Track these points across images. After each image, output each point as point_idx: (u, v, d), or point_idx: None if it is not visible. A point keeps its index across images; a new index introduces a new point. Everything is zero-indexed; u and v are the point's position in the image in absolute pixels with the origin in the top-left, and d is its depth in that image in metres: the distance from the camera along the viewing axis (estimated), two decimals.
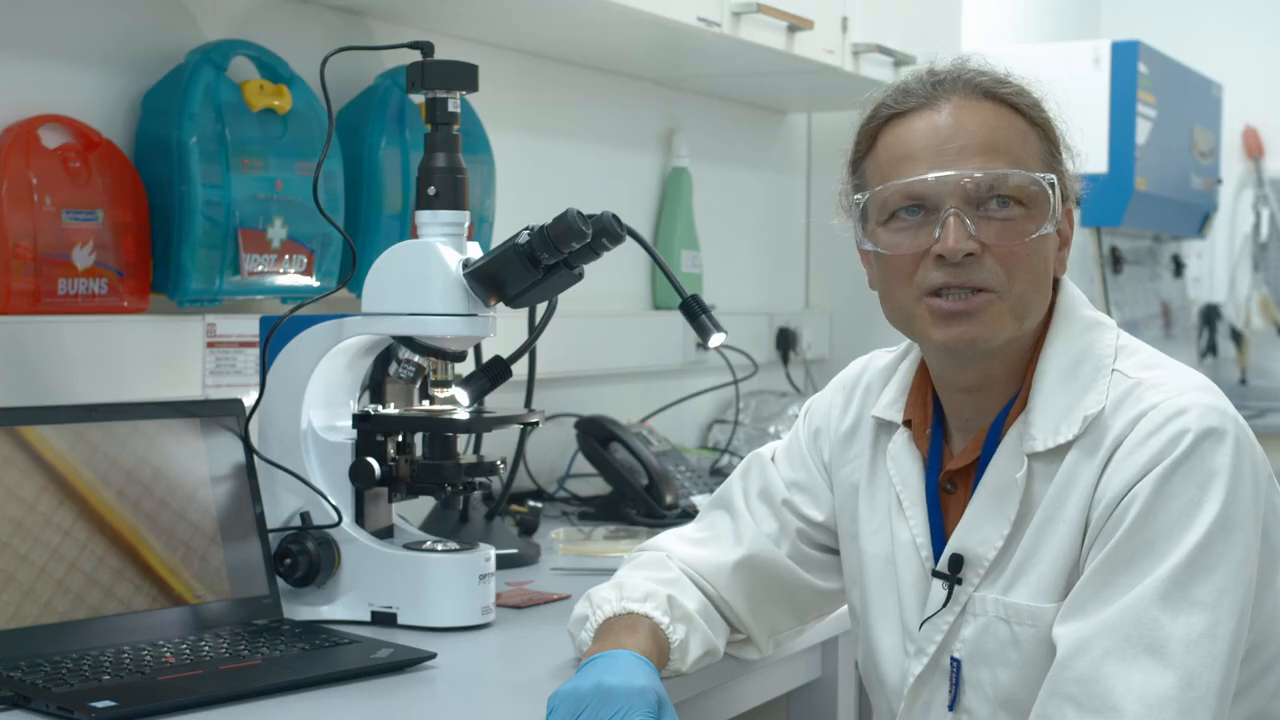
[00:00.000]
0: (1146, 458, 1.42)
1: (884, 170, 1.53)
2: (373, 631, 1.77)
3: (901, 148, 1.52)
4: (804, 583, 1.73)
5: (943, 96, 1.52)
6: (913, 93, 1.53)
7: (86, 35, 2.02)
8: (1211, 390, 1.48)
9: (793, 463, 1.75)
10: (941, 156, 1.49)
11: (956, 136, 1.49)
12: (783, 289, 3.67)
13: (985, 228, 1.48)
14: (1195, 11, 5.47)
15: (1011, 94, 1.53)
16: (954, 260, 1.47)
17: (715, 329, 1.91)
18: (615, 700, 1.41)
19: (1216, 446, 1.41)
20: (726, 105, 3.42)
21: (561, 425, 2.76)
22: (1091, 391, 1.49)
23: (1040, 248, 1.50)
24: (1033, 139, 1.53)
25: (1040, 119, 1.54)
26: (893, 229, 1.52)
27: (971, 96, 1.52)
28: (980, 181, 1.48)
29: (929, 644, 1.57)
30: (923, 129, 1.51)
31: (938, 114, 1.51)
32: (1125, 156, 3.77)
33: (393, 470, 1.88)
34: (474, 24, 2.51)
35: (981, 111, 1.51)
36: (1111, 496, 1.43)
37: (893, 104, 1.53)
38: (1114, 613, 1.38)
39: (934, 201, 1.49)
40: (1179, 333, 4.92)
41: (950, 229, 1.47)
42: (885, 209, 1.52)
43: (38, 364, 1.89)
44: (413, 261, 1.80)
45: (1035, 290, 1.51)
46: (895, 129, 1.53)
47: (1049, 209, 1.49)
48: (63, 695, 1.43)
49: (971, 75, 1.53)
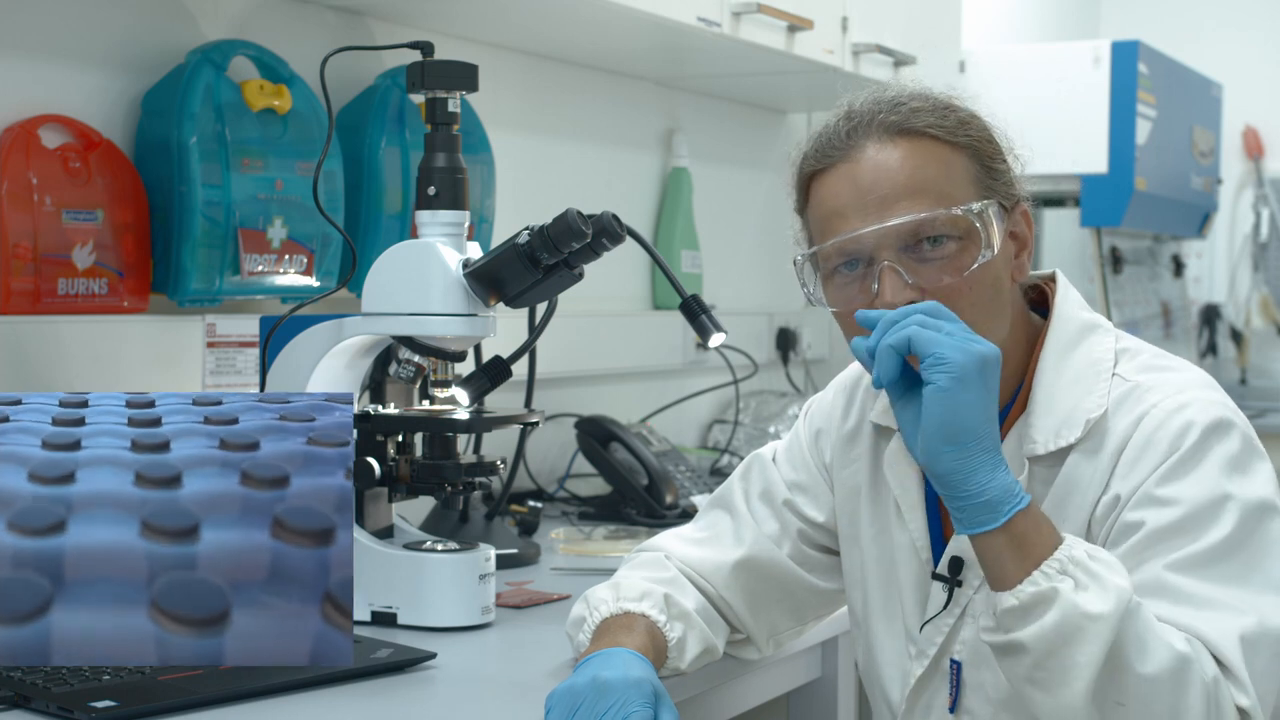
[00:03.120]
0: (1158, 453, 1.43)
1: (818, 227, 1.53)
2: (373, 631, 1.77)
3: (828, 204, 1.51)
4: (804, 583, 1.73)
5: (857, 145, 1.50)
6: (831, 145, 1.52)
7: (86, 35, 2.02)
8: (1212, 386, 1.49)
9: (794, 463, 1.75)
10: (864, 211, 1.48)
11: (877, 186, 1.48)
12: (783, 289, 3.66)
13: (922, 270, 1.47)
14: (1195, 11, 5.47)
15: (928, 125, 1.50)
16: None
17: (715, 329, 1.91)
18: (611, 693, 1.41)
19: (1225, 437, 1.43)
20: (726, 105, 3.42)
21: (561, 425, 2.76)
22: (1092, 394, 1.49)
23: (983, 276, 1.49)
24: (959, 164, 1.50)
25: (965, 140, 1.51)
26: (836, 285, 1.52)
27: (886, 139, 1.50)
28: (905, 229, 1.47)
29: (930, 646, 1.57)
30: (843, 184, 1.50)
31: (856, 165, 1.49)
32: (1125, 156, 3.77)
33: (393, 470, 1.88)
34: (474, 24, 2.51)
35: (898, 151, 1.49)
36: (1126, 496, 1.43)
37: (815, 160, 1.53)
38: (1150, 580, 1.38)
39: (867, 255, 1.48)
40: (1179, 333, 4.92)
41: (886, 284, 1.46)
42: (826, 265, 1.52)
43: (38, 364, 1.89)
44: (413, 261, 1.80)
45: (984, 314, 1.48)
46: (821, 184, 1.52)
47: (983, 237, 1.48)
48: (63, 695, 1.43)
49: (884, 115, 1.51)
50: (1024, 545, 1.33)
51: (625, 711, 1.40)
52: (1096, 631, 1.29)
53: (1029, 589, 1.32)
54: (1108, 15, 5.62)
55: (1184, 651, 1.32)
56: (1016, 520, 1.33)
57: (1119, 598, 1.30)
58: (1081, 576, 1.31)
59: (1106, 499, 1.45)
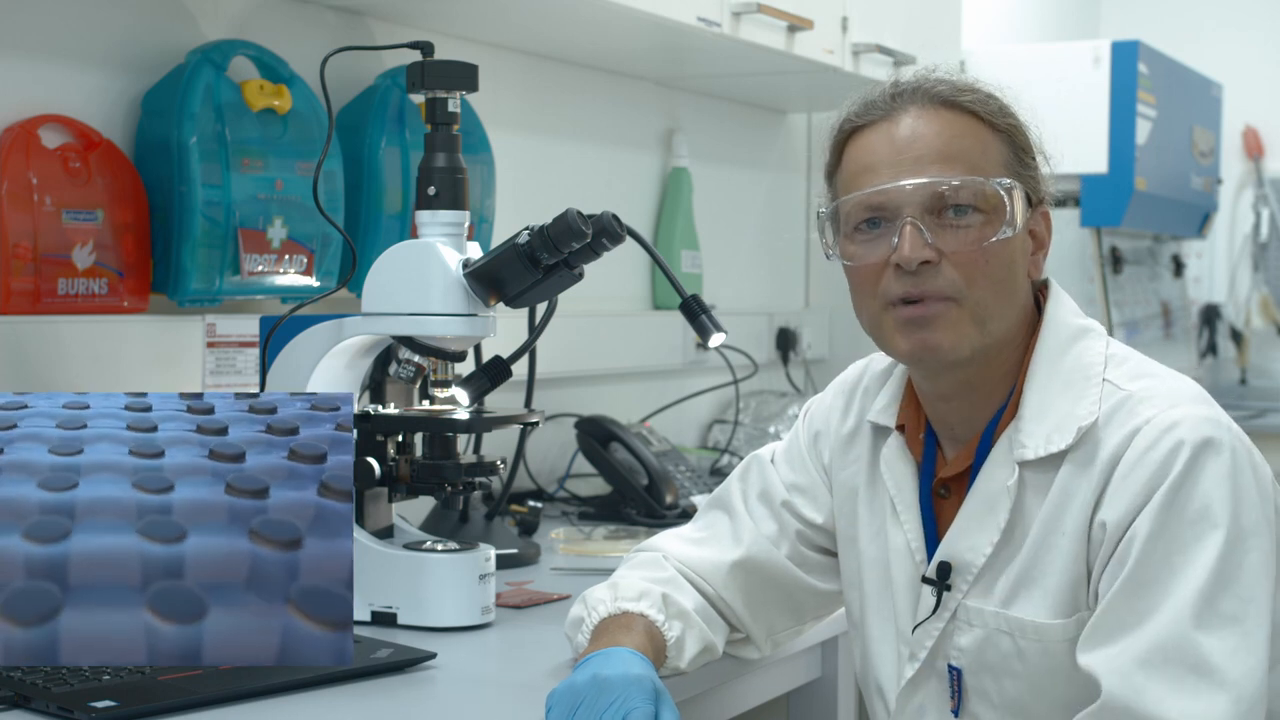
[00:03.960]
0: (1147, 476, 1.41)
1: (848, 183, 1.54)
2: (373, 631, 1.77)
3: (862, 160, 1.53)
4: (802, 583, 1.73)
5: (901, 107, 1.52)
6: (874, 105, 1.54)
7: (86, 35, 2.02)
8: (1204, 400, 1.47)
9: (792, 464, 1.75)
10: (898, 167, 1.50)
11: (913, 146, 1.50)
12: (783, 289, 3.67)
13: (943, 236, 1.48)
14: (1195, 11, 5.47)
15: (972, 102, 1.53)
16: (910, 269, 1.48)
17: (715, 329, 1.91)
18: (611, 690, 1.41)
19: (1215, 457, 1.41)
20: (726, 105, 3.42)
21: (561, 425, 2.76)
22: (1084, 401, 1.49)
23: (1000, 253, 1.50)
24: (995, 145, 1.52)
25: (1005, 125, 1.54)
26: (856, 240, 1.53)
27: (930, 105, 1.52)
28: (935, 189, 1.48)
29: (920, 649, 1.57)
30: (881, 140, 1.52)
31: (895, 125, 1.52)
32: (1125, 156, 3.77)
33: (393, 470, 1.88)
34: (474, 24, 2.51)
35: (939, 120, 1.51)
36: (1117, 520, 1.42)
37: (855, 117, 1.55)
38: (1148, 637, 1.37)
39: (892, 212, 1.50)
40: (1179, 333, 4.92)
41: (906, 238, 1.48)
42: (848, 221, 1.53)
43: (38, 364, 1.89)
44: (413, 261, 1.80)
45: (996, 296, 1.50)
46: (857, 142, 1.54)
47: (1007, 214, 1.49)
48: (63, 695, 1.43)
49: (932, 85, 1.53)
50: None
51: (626, 708, 1.40)
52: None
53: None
54: (1108, 15, 5.62)
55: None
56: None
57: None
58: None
59: (1097, 520, 1.44)
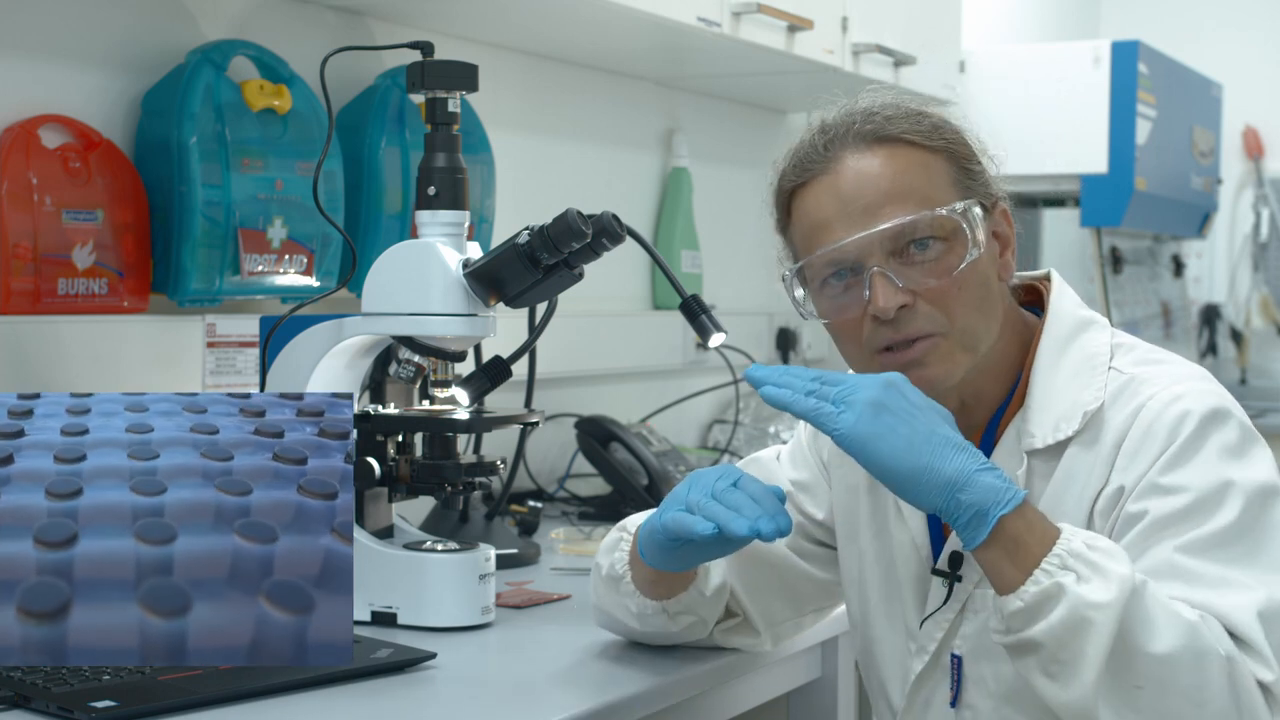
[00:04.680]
0: (1157, 445, 1.43)
1: (804, 241, 1.54)
2: (373, 631, 1.77)
3: (812, 217, 1.53)
4: (802, 571, 1.74)
5: (835, 157, 1.51)
6: (808, 159, 1.53)
7: (86, 35, 2.02)
8: (1208, 378, 1.50)
9: (796, 463, 1.77)
10: (849, 219, 1.49)
11: (859, 196, 1.49)
12: (782, 289, 3.66)
13: (911, 274, 1.48)
14: (1195, 12, 5.47)
15: (904, 131, 1.51)
16: (887, 318, 1.48)
17: (715, 329, 1.91)
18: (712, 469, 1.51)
19: (1223, 424, 1.43)
20: (726, 105, 3.42)
21: (561, 425, 2.76)
22: (1089, 388, 1.50)
23: (972, 275, 1.50)
24: (937, 167, 1.51)
25: (941, 144, 1.52)
26: (827, 296, 1.54)
27: (863, 146, 1.51)
28: (892, 234, 1.48)
29: (930, 642, 1.58)
30: (826, 195, 1.51)
31: (837, 177, 1.51)
32: (1125, 156, 3.77)
33: (393, 470, 1.88)
34: (474, 24, 2.51)
35: (877, 159, 1.50)
36: (1130, 487, 1.43)
37: (794, 176, 1.54)
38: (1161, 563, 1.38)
39: (856, 263, 1.50)
40: (1179, 333, 4.93)
41: (877, 290, 1.48)
42: (815, 278, 1.54)
43: (38, 364, 1.89)
44: (413, 261, 1.80)
45: (979, 317, 1.50)
46: (803, 198, 1.54)
47: (969, 236, 1.49)
48: (63, 695, 1.43)
49: (860, 125, 1.52)
50: (1020, 547, 1.33)
51: (733, 474, 1.49)
52: (1103, 620, 1.29)
53: (1032, 589, 1.32)
54: (1108, 15, 5.62)
55: (1194, 623, 1.31)
56: (1006, 524, 1.33)
57: (1121, 585, 1.30)
58: (1083, 569, 1.31)
59: (1109, 491, 1.46)
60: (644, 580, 1.62)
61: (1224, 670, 1.30)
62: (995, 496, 1.33)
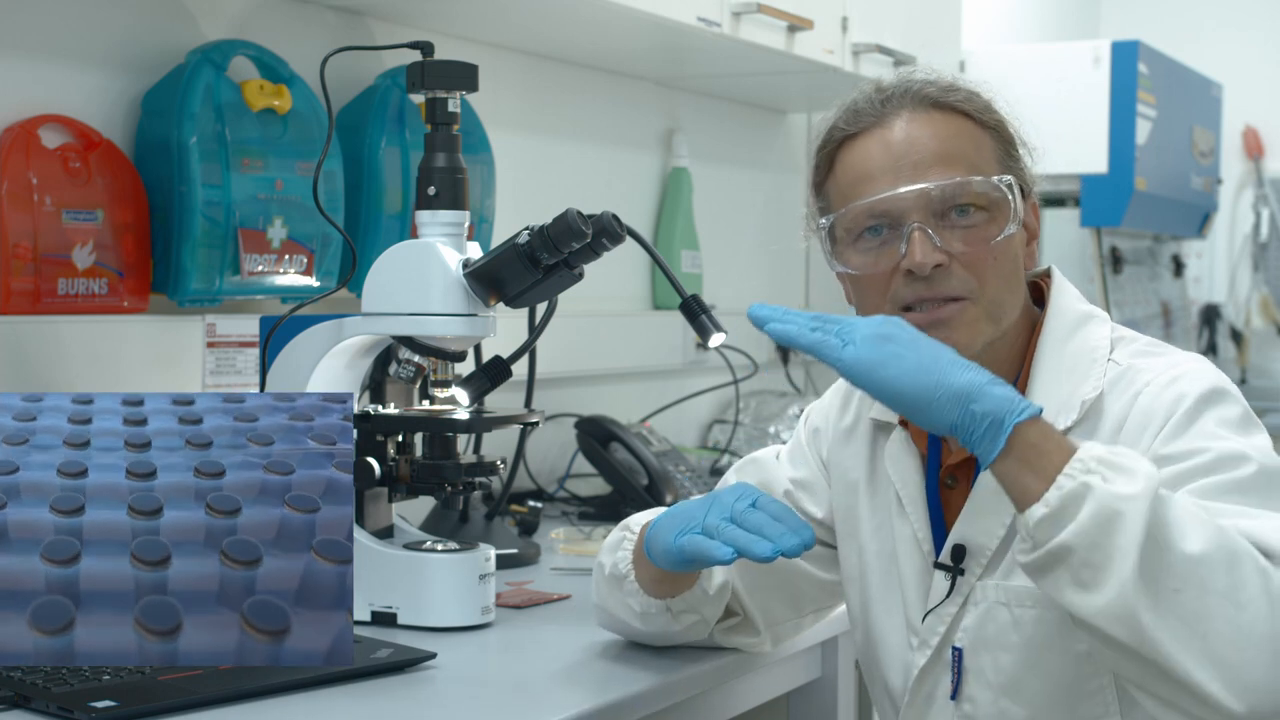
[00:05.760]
0: (1156, 424, 1.44)
1: (845, 192, 1.54)
2: (373, 631, 1.77)
3: (859, 168, 1.53)
4: (802, 571, 1.74)
5: (892, 112, 1.53)
6: (863, 112, 1.54)
7: (86, 35, 2.02)
8: (1205, 362, 1.51)
9: (795, 462, 1.77)
10: (898, 173, 1.50)
11: (911, 151, 1.51)
12: (783, 289, 3.67)
13: (950, 237, 1.49)
14: (1195, 11, 5.47)
15: (960, 100, 1.54)
16: (923, 274, 1.48)
17: (715, 329, 1.91)
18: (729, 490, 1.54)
19: (1223, 401, 1.44)
20: (726, 105, 3.42)
21: (561, 425, 2.76)
22: (1089, 380, 1.52)
23: (1007, 249, 1.52)
24: (986, 142, 1.54)
25: (992, 121, 1.55)
26: (860, 249, 1.53)
27: (920, 108, 1.53)
28: (939, 193, 1.49)
29: (932, 636, 1.58)
30: (877, 148, 1.52)
31: (890, 131, 1.52)
32: (1125, 156, 3.77)
33: (393, 470, 1.88)
34: (474, 24, 2.51)
35: (932, 122, 1.52)
36: None
37: (845, 126, 1.55)
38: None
39: (897, 218, 1.50)
40: (1179, 333, 4.93)
41: (916, 244, 1.48)
42: (851, 230, 1.53)
43: (38, 364, 1.89)
44: (413, 261, 1.80)
45: (1007, 291, 1.52)
46: (850, 150, 1.54)
47: (1010, 210, 1.51)
48: (63, 695, 1.43)
49: (919, 87, 1.54)
50: (1040, 454, 1.29)
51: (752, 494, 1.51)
52: (1134, 511, 1.25)
53: (1055, 493, 1.28)
54: (1108, 15, 5.62)
55: (1223, 526, 1.28)
56: (1023, 431, 1.30)
57: (1148, 479, 1.27)
58: (1106, 470, 1.28)
59: None
60: (648, 579, 1.63)
61: (1259, 572, 1.27)
62: (1009, 405, 1.30)
